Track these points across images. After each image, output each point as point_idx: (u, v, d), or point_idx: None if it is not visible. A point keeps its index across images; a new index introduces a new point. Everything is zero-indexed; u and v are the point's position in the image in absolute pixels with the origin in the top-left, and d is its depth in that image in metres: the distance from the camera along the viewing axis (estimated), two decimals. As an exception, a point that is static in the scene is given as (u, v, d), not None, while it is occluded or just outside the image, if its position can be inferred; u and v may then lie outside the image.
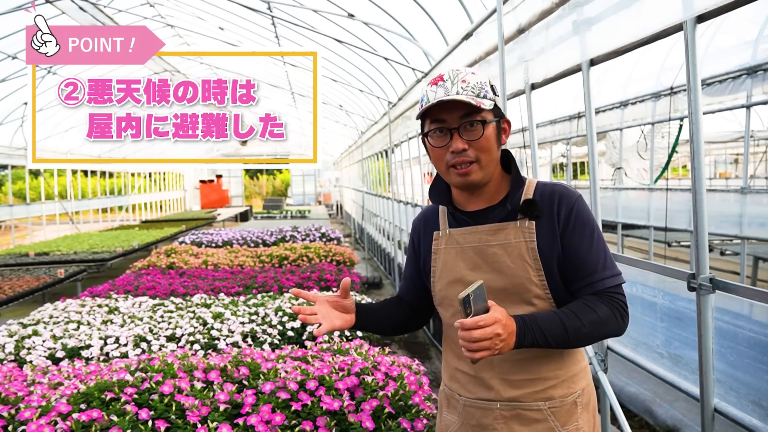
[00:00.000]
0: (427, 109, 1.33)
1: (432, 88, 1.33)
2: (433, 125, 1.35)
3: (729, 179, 19.52)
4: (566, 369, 1.37)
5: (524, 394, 1.34)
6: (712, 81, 6.83)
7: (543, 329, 1.23)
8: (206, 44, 11.06)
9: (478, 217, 1.40)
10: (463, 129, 1.31)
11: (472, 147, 1.31)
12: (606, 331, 1.30)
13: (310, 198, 33.53)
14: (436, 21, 5.72)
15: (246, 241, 9.61)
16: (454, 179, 1.35)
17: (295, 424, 2.05)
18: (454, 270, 1.40)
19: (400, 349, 5.89)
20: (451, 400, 1.47)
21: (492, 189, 1.40)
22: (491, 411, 1.36)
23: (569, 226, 1.33)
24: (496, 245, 1.35)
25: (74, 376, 2.59)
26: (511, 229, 1.35)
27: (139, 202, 21.75)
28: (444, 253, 1.43)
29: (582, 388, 1.39)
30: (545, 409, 1.34)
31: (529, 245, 1.32)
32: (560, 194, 1.36)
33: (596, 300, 1.30)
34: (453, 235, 1.42)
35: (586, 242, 1.32)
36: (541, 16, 2.91)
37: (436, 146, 1.35)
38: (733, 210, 7.22)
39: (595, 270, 1.31)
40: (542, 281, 1.32)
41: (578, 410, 1.37)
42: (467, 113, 1.30)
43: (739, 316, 2.62)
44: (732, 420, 2.20)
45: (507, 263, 1.33)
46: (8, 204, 13.11)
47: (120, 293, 5.24)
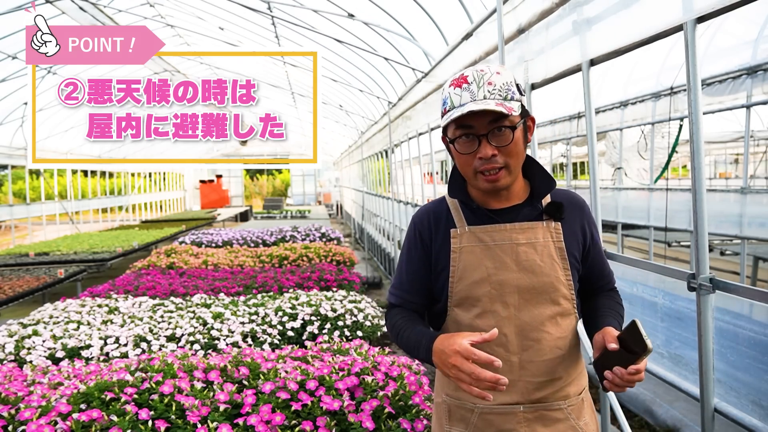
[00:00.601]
0: (454, 118, 1.27)
1: (456, 91, 1.28)
2: (459, 131, 1.30)
3: (729, 179, 19.52)
4: (575, 367, 1.40)
5: (547, 395, 1.34)
6: (712, 81, 6.83)
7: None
8: (206, 44, 11.06)
9: (504, 215, 1.36)
10: (491, 135, 1.27)
11: (501, 153, 1.28)
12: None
13: (310, 198, 33.52)
14: (436, 21, 5.72)
15: (246, 241, 9.61)
16: (483, 185, 1.32)
17: (295, 424, 2.05)
18: (479, 269, 1.34)
19: (400, 350, 5.88)
20: (457, 411, 1.38)
21: (515, 189, 1.38)
22: (514, 415, 1.33)
23: (593, 235, 1.44)
24: (525, 244, 1.34)
25: (74, 376, 2.59)
26: (539, 229, 1.35)
27: (139, 202, 21.75)
28: (467, 252, 1.36)
29: (585, 385, 1.44)
30: (565, 408, 1.36)
31: (557, 245, 1.35)
32: (580, 203, 1.44)
33: (613, 295, 1.50)
34: (475, 232, 1.36)
35: (600, 249, 1.48)
36: (541, 16, 2.91)
37: (464, 152, 1.30)
38: (733, 210, 7.22)
39: (609, 273, 1.52)
40: (569, 281, 1.35)
41: (585, 406, 1.41)
42: (496, 119, 1.26)
43: (739, 316, 2.62)
44: (732, 420, 2.20)
45: (537, 262, 1.33)
46: (8, 204, 13.11)
47: (120, 293, 5.24)
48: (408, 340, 1.36)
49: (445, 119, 1.30)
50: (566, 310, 1.35)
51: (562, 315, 1.34)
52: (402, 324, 1.41)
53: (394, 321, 1.44)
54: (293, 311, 4.04)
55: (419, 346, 1.30)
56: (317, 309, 4.04)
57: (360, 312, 4.13)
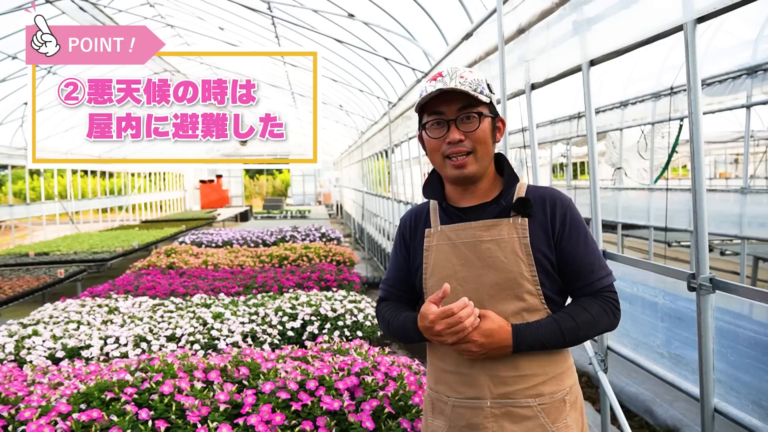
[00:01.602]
0: (425, 101, 1.37)
1: (431, 84, 1.37)
2: (431, 117, 1.39)
3: (729, 179, 19.51)
4: (554, 366, 1.38)
5: (514, 391, 1.34)
6: (712, 81, 6.83)
7: (540, 336, 1.33)
8: (206, 44, 11.05)
9: (471, 213, 1.42)
10: (460, 121, 1.36)
11: (469, 138, 1.36)
12: (599, 328, 1.39)
13: (310, 198, 33.52)
14: (436, 21, 5.72)
15: (246, 241, 9.61)
16: (450, 171, 1.39)
17: (295, 424, 2.05)
18: (447, 266, 1.41)
19: (400, 349, 5.89)
20: (437, 403, 1.45)
21: (485, 186, 1.43)
22: (481, 410, 1.35)
23: (565, 230, 1.39)
24: (489, 241, 1.38)
25: (74, 376, 2.59)
26: (504, 226, 1.38)
27: (139, 202, 21.76)
28: (436, 250, 1.44)
29: (570, 386, 1.40)
30: (535, 406, 1.34)
31: (522, 241, 1.36)
32: (553, 198, 1.42)
33: (590, 300, 1.39)
34: (445, 231, 1.43)
35: (581, 246, 1.40)
36: (542, 16, 2.91)
37: (434, 137, 1.39)
38: (733, 210, 7.22)
39: (592, 271, 1.40)
40: (534, 277, 1.35)
41: (567, 408, 1.38)
42: (464, 106, 1.36)
43: (739, 316, 2.61)
44: (732, 420, 2.20)
45: (500, 258, 1.36)
46: (8, 204, 13.11)
47: (120, 293, 5.24)
48: (397, 327, 1.47)
49: (417, 104, 1.40)
50: (532, 305, 1.35)
51: (528, 311, 1.35)
52: (389, 315, 1.51)
53: (383, 313, 1.55)
54: (293, 311, 4.04)
55: (407, 331, 1.42)
56: (317, 309, 4.04)
57: (360, 312, 4.13)
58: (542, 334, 1.32)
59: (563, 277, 1.40)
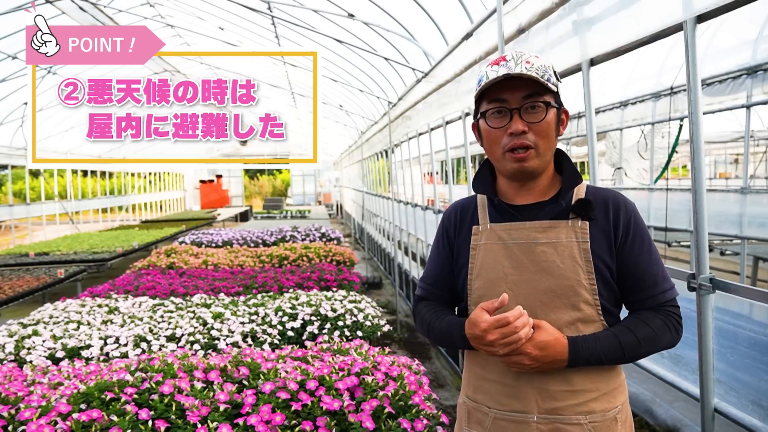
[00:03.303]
0: (489, 85, 1.24)
1: (493, 68, 1.25)
2: (492, 105, 1.26)
3: (729, 179, 19.51)
4: (607, 382, 1.28)
5: (563, 407, 1.24)
6: (712, 81, 6.83)
7: (598, 350, 1.23)
8: (206, 44, 11.05)
9: (525, 212, 1.31)
10: (524, 110, 1.24)
11: (532, 130, 1.24)
12: (660, 345, 1.29)
13: (310, 198, 33.53)
14: (436, 21, 5.72)
15: (246, 241, 9.61)
16: (509, 165, 1.26)
17: (295, 424, 2.05)
18: (496, 267, 1.30)
19: (400, 349, 5.89)
20: (475, 413, 1.34)
21: (544, 183, 1.32)
22: (527, 425, 1.25)
23: (629, 237, 1.28)
24: (545, 243, 1.27)
25: (74, 376, 2.59)
26: (562, 228, 1.27)
27: (139, 202, 21.75)
28: (484, 249, 1.32)
29: (621, 404, 1.31)
30: (585, 424, 1.24)
31: (582, 246, 1.25)
32: (617, 201, 1.30)
33: (651, 314, 1.29)
34: (495, 230, 1.32)
35: (645, 255, 1.29)
36: (541, 16, 2.91)
37: (494, 127, 1.27)
38: (733, 210, 7.22)
39: (656, 283, 1.29)
40: (592, 285, 1.25)
41: (618, 427, 1.27)
42: (530, 94, 1.24)
43: (739, 316, 2.62)
44: (732, 420, 2.20)
45: (556, 263, 1.25)
46: (8, 204, 13.11)
47: (120, 293, 5.24)
48: (440, 332, 1.36)
49: (479, 90, 1.28)
50: (588, 316, 1.25)
51: (583, 321, 1.26)
52: (430, 317, 1.40)
53: (422, 314, 1.43)
54: (293, 311, 4.04)
55: (452, 337, 1.32)
56: (317, 309, 4.04)
57: (360, 312, 4.13)
58: (600, 348, 1.22)
59: (622, 287, 1.29)
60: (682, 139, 6.89)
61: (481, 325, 1.18)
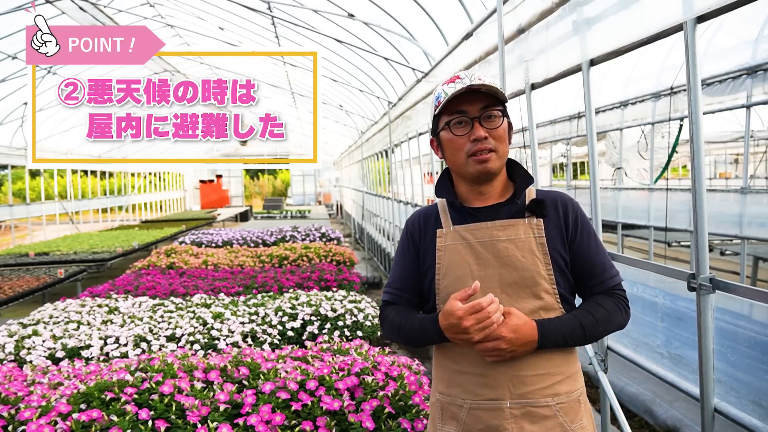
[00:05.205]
0: (450, 100, 1.39)
1: (449, 86, 1.40)
2: (453, 116, 1.42)
3: (729, 179, 19.51)
4: (568, 366, 1.40)
5: (533, 391, 1.34)
6: (712, 81, 6.83)
7: (563, 331, 1.35)
8: (206, 44, 11.05)
9: (486, 213, 1.44)
10: (483, 119, 1.39)
11: (491, 136, 1.39)
12: (614, 324, 1.43)
13: (310, 198, 33.52)
14: (436, 21, 5.72)
15: (246, 241, 9.61)
16: (473, 168, 1.40)
17: (295, 424, 2.05)
18: (462, 265, 1.42)
19: (400, 349, 5.88)
20: (449, 408, 1.42)
21: (499, 187, 1.46)
22: (501, 411, 1.34)
23: (577, 231, 1.44)
24: (505, 240, 1.40)
25: (74, 376, 2.59)
26: (520, 226, 1.41)
27: (139, 202, 21.75)
28: (451, 250, 1.44)
29: (581, 387, 1.43)
30: (553, 405, 1.35)
31: (539, 240, 1.40)
32: (564, 200, 1.47)
33: (604, 298, 1.44)
34: (459, 231, 1.44)
35: (593, 246, 1.46)
36: (541, 16, 2.91)
37: (459, 135, 1.41)
38: (733, 210, 7.22)
39: (603, 270, 1.46)
40: (550, 275, 1.38)
41: (581, 408, 1.39)
42: (487, 105, 1.40)
43: (739, 316, 2.62)
44: (732, 420, 2.20)
45: (518, 257, 1.38)
46: (8, 204, 13.11)
47: (120, 293, 5.24)
48: (412, 330, 1.44)
49: (442, 104, 1.41)
50: (549, 304, 1.38)
51: (545, 309, 1.38)
52: (399, 319, 1.48)
53: (391, 318, 1.51)
54: (293, 311, 4.04)
55: (426, 332, 1.40)
56: (317, 309, 4.04)
57: (360, 312, 4.13)
58: (564, 329, 1.35)
59: (575, 276, 1.44)
60: (682, 139, 6.89)
61: (457, 312, 1.27)
